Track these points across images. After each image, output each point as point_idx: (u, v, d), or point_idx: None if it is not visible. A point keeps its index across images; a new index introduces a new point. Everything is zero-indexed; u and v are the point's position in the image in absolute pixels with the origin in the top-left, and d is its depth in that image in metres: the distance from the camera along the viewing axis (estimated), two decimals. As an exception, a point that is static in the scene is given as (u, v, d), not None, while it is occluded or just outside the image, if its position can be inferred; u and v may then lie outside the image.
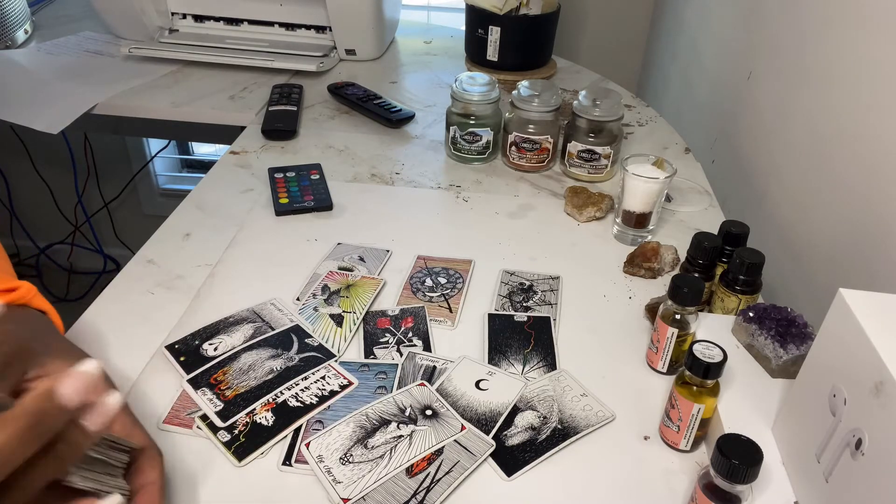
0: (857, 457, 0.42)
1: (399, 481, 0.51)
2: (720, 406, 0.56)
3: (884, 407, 0.40)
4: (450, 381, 0.61)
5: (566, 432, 0.57)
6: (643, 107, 1.16)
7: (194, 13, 1.29)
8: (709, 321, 0.65)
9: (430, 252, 0.79)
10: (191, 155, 2.02)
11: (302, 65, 1.19)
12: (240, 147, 0.99)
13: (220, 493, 0.51)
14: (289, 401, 0.58)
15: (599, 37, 1.63)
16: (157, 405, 0.58)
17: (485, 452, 0.54)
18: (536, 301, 0.72)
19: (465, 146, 0.96)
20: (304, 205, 0.84)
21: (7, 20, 1.24)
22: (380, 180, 0.93)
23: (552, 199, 0.90)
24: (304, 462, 0.53)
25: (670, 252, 0.77)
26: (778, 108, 0.91)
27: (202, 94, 1.12)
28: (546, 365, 0.64)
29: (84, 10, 1.41)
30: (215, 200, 0.86)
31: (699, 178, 0.95)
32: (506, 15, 1.13)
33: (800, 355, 0.58)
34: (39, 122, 1.05)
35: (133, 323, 0.67)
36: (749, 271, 0.64)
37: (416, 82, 1.22)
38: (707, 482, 0.47)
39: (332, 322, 0.67)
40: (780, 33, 0.92)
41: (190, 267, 0.75)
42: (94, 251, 2.03)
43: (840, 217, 0.74)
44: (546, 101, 0.91)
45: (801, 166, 0.84)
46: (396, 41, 1.39)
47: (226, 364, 0.61)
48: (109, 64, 1.21)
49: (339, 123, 1.07)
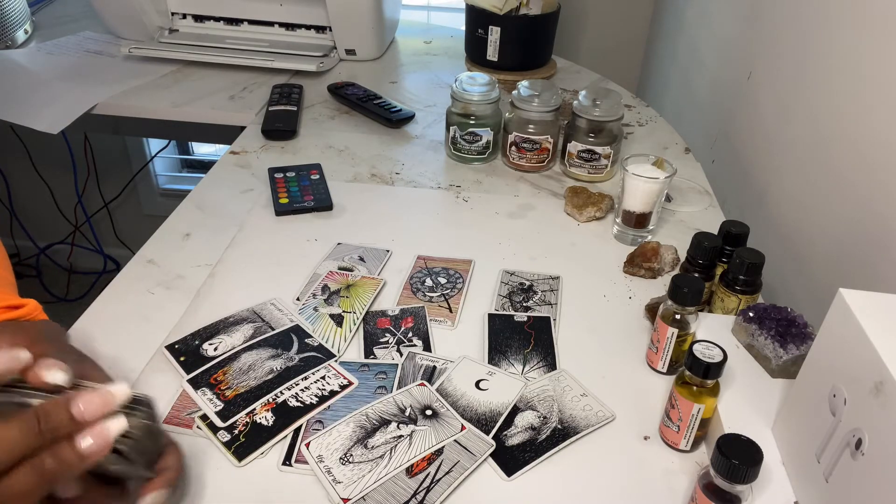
0: (857, 457, 0.42)
1: (399, 481, 0.51)
2: (720, 406, 0.56)
3: (884, 407, 0.40)
4: (450, 381, 0.61)
5: (566, 432, 0.57)
6: (643, 107, 1.16)
7: (194, 13, 1.29)
8: (709, 321, 0.65)
9: (430, 252, 0.79)
10: (191, 155, 2.02)
11: (302, 65, 1.19)
12: (240, 147, 0.99)
13: (220, 493, 0.51)
14: (289, 401, 0.58)
15: (599, 37, 1.63)
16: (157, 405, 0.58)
17: (485, 452, 0.54)
18: (536, 301, 0.72)
19: (465, 146, 0.96)
20: (304, 205, 0.84)
21: (7, 20, 1.24)
22: (380, 180, 0.93)
23: (552, 199, 0.90)
24: (304, 462, 0.53)
25: (670, 252, 0.77)
26: (778, 108, 0.91)
27: (202, 94, 1.12)
28: (546, 365, 0.64)
29: (84, 10, 1.41)
30: (215, 200, 0.86)
31: (699, 178, 0.95)
32: (506, 15, 1.13)
33: (800, 355, 0.58)
34: (39, 122, 1.05)
35: (133, 323, 0.67)
36: (749, 271, 0.64)
37: (416, 82, 1.22)
38: (707, 482, 0.47)
39: (332, 322, 0.67)
40: (780, 33, 0.92)
41: (190, 267, 0.75)
42: (94, 251, 2.03)
43: (840, 217, 0.74)
44: (546, 101, 0.91)
45: (801, 166, 0.84)
46: (396, 41, 1.39)
47: (226, 364, 0.61)
48: (109, 64, 1.21)
49: (339, 123, 1.07)
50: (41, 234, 2.00)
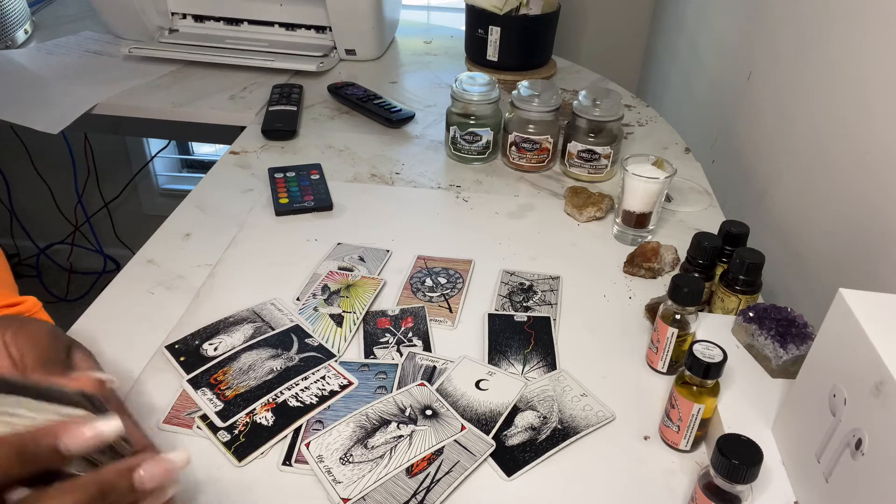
0: (857, 457, 0.42)
1: (399, 481, 0.51)
2: (720, 406, 0.56)
3: (884, 407, 0.40)
4: (450, 381, 0.61)
5: (566, 432, 0.57)
6: (643, 107, 1.16)
7: (194, 13, 1.29)
8: (709, 321, 0.65)
9: (430, 252, 0.79)
10: (191, 155, 2.02)
11: (302, 65, 1.19)
12: (240, 147, 0.99)
13: (220, 492, 0.51)
14: (289, 401, 0.58)
15: (599, 37, 1.63)
16: (157, 405, 0.58)
17: (485, 452, 0.54)
18: (536, 301, 0.72)
19: (465, 146, 0.96)
20: (304, 205, 0.84)
21: (7, 20, 1.25)
22: (380, 180, 0.93)
23: (552, 199, 0.90)
24: (304, 462, 0.53)
25: (670, 252, 0.77)
26: (778, 108, 0.91)
27: (202, 94, 1.12)
28: (546, 365, 0.64)
29: (84, 10, 1.42)
30: (215, 200, 0.86)
31: (699, 178, 0.95)
32: (506, 15, 1.13)
33: (800, 355, 0.58)
34: (39, 122, 1.05)
35: (133, 323, 0.67)
36: (749, 271, 0.64)
37: (416, 82, 1.22)
38: (707, 482, 0.47)
39: (332, 322, 0.67)
40: (780, 33, 0.92)
41: (190, 267, 0.75)
42: (94, 251, 2.03)
43: (840, 217, 0.74)
44: (546, 101, 0.91)
45: (801, 166, 0.84)
46: (396, 41, 1.39)
47: (226, 364, 0.61)
48: (109, 64, 1.21)
49: (339, 123, 1.07)
50: (41, 234, 2.00)
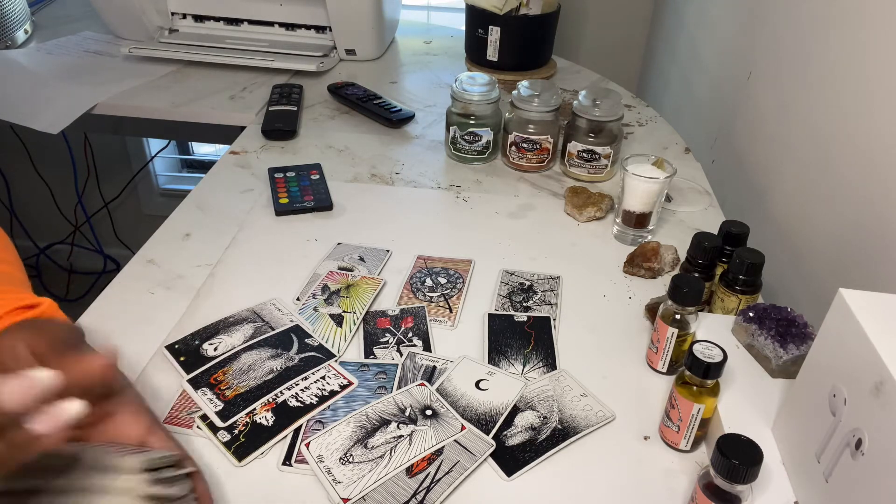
0: (857, 457, 0.42)
1: (399, 481, 0.51)
2: (720, 406, 0.56)
3: (884, 407, 0.40)
4: (450, 381, 0.61)
5: (566, 432, 0.57)
6: (643, 107, 1.16)
7: (194, 13, 1.29)
8: (709, 321, 0.65)
9: (430, 252, 0.79)
10: (191, 155, 2.02)
11: (302, 65, 1.19)
12: (240, 147, 0.99)
13: (220, 493, 0.51)
14: (289, 401, 0.58)
15: (599, 37, 1.63)
16: (157, 405, 0.58)
17: (485, 452, 0.54)
18: (536, 301, 0.72)
19: (465, 146, 0.96)
20: (304, 205, 0.84)
21: (7, 20, 1.24)
22: (380, 180, 0.93)
23: (552, 199, 0.90)
24: (304, 462, 0.53)
25: (670, 252, 0.77)
26: (778, 108, 0.91)
27: (202, 94, 1.12)
28: (546, 365, 0.64)
29: (84, 10, 1.41)
30: (215, 200, 0.86)
31: (699, 178, 0.95)
32: (506, 15, 1.13)
33: (800, 355, 0.58)
34: (39, 122, 1.05)
35: (133, 323, 0.67)
36: (749, 271, 0.64)
37: (416, 82, 1.22)
38: (707, 482, 0.47)
39: (332, 322, 0.67)
40: (780, 33, 0.92)
41: (190, 267, 0.75)
42: (94, 251, 2.03)
43: (840, 217, 0.74)
44: (546, 101, 0.91)
45: (801, 166, 0.84)
46: (396, 41, 1.39)
47: (226, 364, 0.61)
48: (109, 64, 1.21)
49: (339, 123, 1.07)
50: (41, 234, 2.00)
